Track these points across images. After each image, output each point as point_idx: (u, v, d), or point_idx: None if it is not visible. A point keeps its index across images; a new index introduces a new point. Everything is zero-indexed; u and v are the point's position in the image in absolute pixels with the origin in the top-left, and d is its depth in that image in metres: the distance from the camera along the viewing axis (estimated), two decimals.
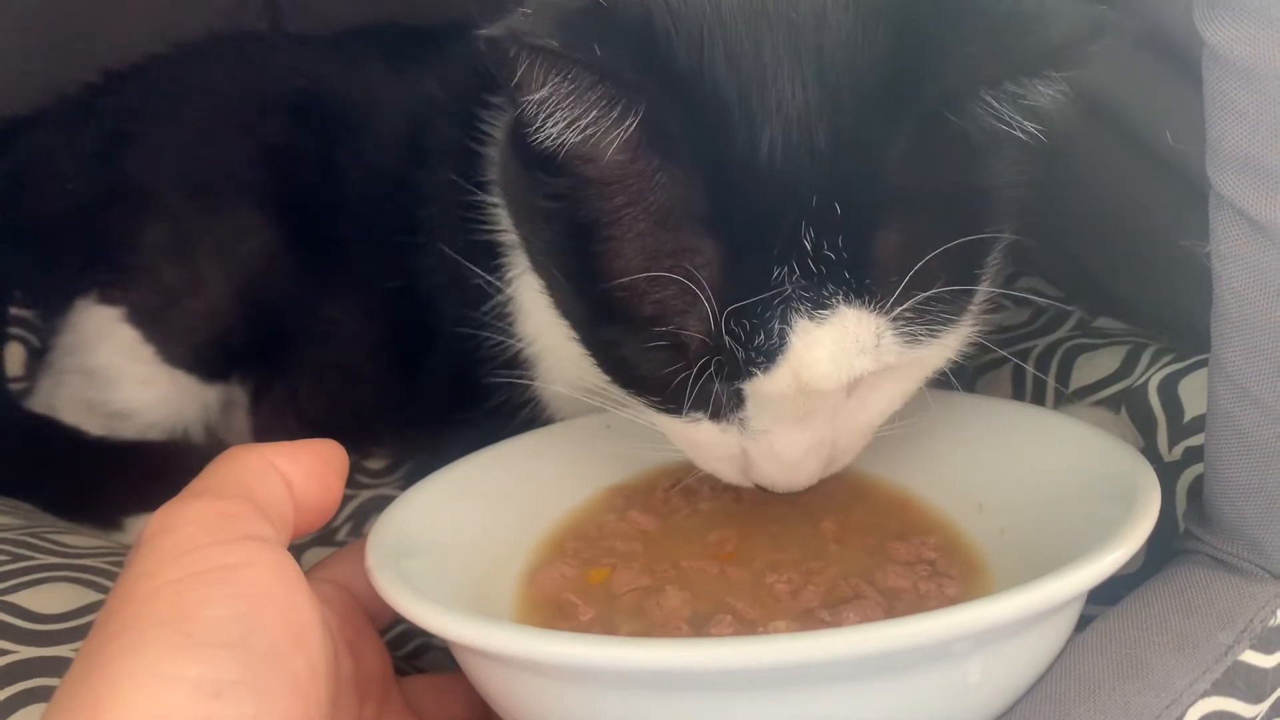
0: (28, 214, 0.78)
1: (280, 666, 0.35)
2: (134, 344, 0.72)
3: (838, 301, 0.41)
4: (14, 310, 0.81)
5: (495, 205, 0.60)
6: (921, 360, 0.46)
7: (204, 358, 0.74)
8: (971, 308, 0.46)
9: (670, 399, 0.47)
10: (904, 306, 0.42)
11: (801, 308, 0.42)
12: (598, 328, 0.47)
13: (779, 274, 0.41)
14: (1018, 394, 0.65)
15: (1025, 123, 0.42)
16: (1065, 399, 0.62)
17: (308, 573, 0.42)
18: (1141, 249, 0.60)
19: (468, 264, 0.61)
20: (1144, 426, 0.55)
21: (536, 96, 0.41)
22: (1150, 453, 0.54)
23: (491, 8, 0.41)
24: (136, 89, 0.80)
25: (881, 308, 0.42)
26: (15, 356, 0.79)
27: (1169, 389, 0.55)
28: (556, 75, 0.41)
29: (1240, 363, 0.42)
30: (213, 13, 0.90)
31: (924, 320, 0.43)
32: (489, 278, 0.61)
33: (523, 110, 0.42)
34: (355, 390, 0.76)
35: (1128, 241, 0.61)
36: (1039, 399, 0.64)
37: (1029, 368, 0.65)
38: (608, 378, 0.49)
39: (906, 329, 0.43)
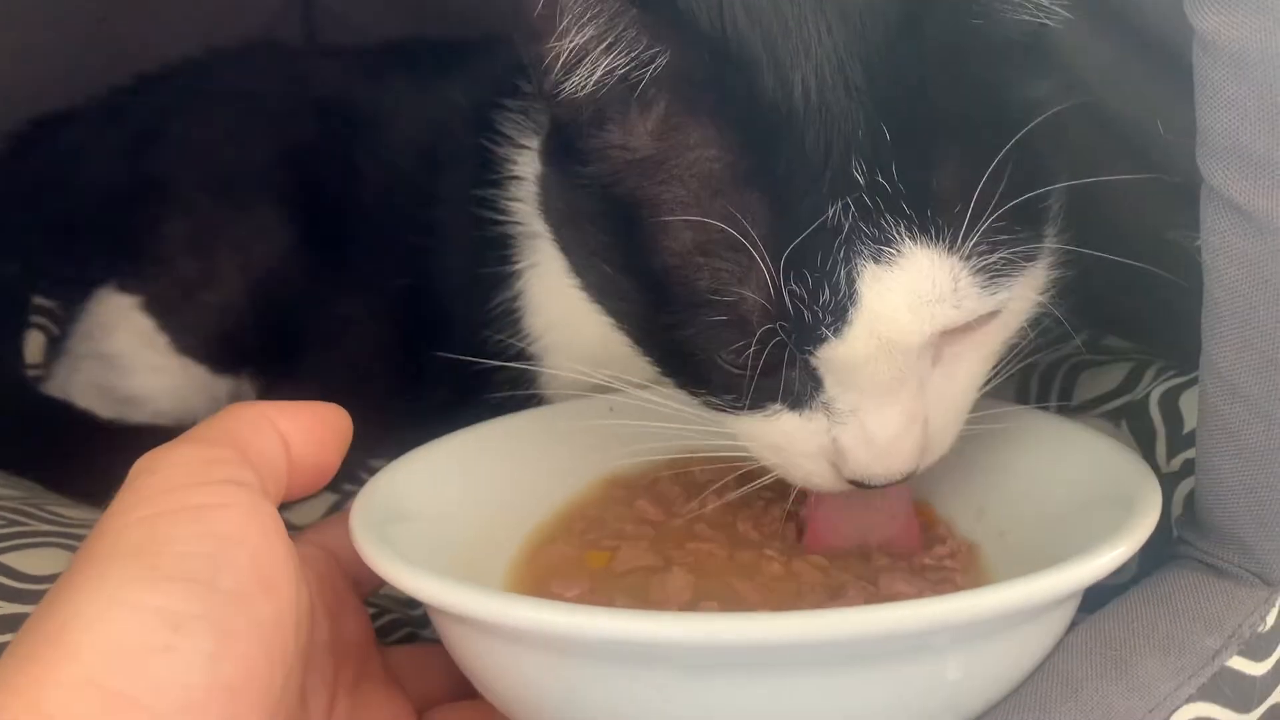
0: (56, 208, 0.80)
1: (245, 609, 0.35)
2: (148, 332, 0.74)
3: (902, 236, 0.40)
4: (38, 299, 0.82)
5: (509, 199, 0.61)
6: (1001, 318, 0.45)
7: (216, 349, 0.75)
8: (1045, 244, 0.45)
9: (741, 390, 0.44)
10: (974, 240, 0.40)
11: (864, 249, 0.40)
12: (656, 315, 0.45)
13: (834, 212, 0.40)
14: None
15: (1049, 4, 0.41)
16: (1068, 413, 0.61)
17: (294, 536, 0.42)
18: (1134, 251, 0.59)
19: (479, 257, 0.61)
20: (1144, 438, 0.55)
21: (558, 41, 0.41)
22: (1148, 464, 0.53)
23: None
24: (166, 89, 0.82)
25: (952, 245, 0.40)
26: (35, 344, 0.80)
27: (1170, 402, 0.55)
28: (580, 16, 0.41)
29: (1231, 359, 0.41)
30: (248, 25, 0.93)
31: (998, 258, 0.41)
32: (498, 269, 0.61)
33: (546, 66, 0.42)
34: (364, 389, 0.76)
35: (1121, 243, 0.61)
36: None
37: (1037, 372, 0.64)
38: (674, 380, 0.48)
39: (982, 266, 0.41)
